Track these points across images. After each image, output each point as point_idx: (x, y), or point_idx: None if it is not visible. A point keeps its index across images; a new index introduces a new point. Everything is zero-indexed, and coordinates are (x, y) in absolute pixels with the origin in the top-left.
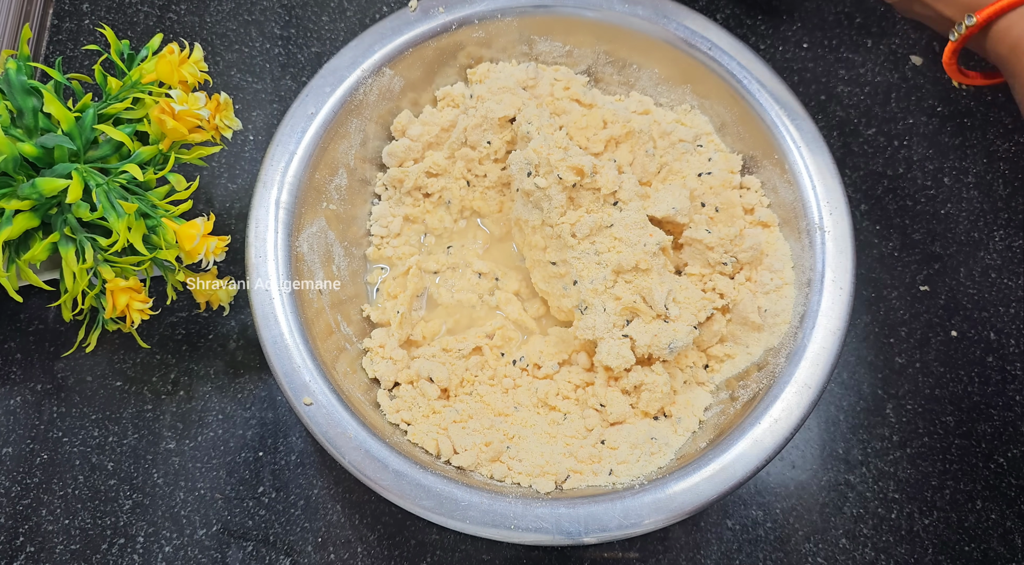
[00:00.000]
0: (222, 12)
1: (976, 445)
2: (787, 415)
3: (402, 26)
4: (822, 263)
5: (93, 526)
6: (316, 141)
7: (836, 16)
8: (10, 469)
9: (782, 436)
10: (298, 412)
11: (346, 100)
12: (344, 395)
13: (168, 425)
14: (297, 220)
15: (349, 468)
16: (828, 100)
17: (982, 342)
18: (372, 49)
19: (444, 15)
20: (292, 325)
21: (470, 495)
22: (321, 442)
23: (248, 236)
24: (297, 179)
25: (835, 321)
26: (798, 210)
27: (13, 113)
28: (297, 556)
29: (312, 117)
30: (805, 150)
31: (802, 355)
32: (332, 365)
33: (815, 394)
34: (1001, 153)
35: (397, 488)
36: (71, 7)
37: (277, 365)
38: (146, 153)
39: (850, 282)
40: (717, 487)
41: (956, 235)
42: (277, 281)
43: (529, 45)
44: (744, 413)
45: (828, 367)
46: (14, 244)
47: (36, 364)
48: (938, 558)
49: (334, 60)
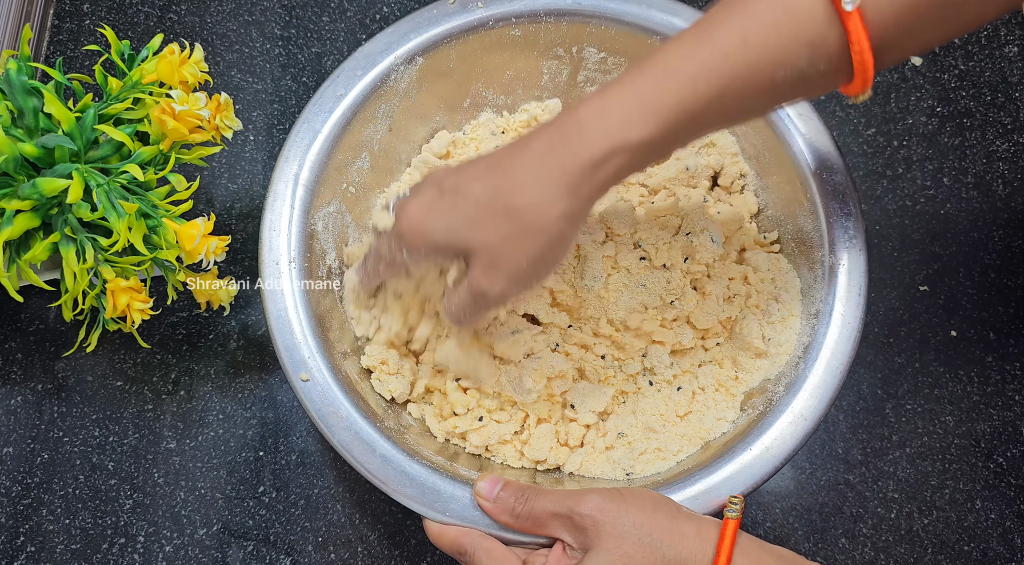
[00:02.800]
0: (222, 12)
1: (976, 445)
2: (779, 444)
3: (440, 17)
4: (832, 296)
5: (94, 526)
6: (342, 122)
7: None
8: (11, 469)
9: (772, 465)
10: (294, 387)
11: (376, 85)
12: (341, 375)
13: (168, 425)
14: (315, 198)
15: (337, 447)
16: (828, 100)
17: (981, 342)
18: (407, 37)
19: (483, 11)
20: (298, 300)
21: (453, 488)
22: (313, 419)
23: (264, 209)
24: (319, 157)
25: (839, 356)
26: (815, 240)
27: (14, 113)
28: (297, 556)
29: (340, 98)
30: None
31: (801, 386)
32: (334, 344)
33: (811, 426)
34: (1001, 153)
35: (381, 473)
36: (72, 7)
37: (279, 338)
38: (146, 153)
39: (859, 318)
40: (701, 508)
41: (956, 235)
42: (288, 256)
43: (566, 50)
44: (737, 439)
45: (827, 401)
46: (15, 244)
47: (37, 364)
48: (937, 558)
49: (368, 45)
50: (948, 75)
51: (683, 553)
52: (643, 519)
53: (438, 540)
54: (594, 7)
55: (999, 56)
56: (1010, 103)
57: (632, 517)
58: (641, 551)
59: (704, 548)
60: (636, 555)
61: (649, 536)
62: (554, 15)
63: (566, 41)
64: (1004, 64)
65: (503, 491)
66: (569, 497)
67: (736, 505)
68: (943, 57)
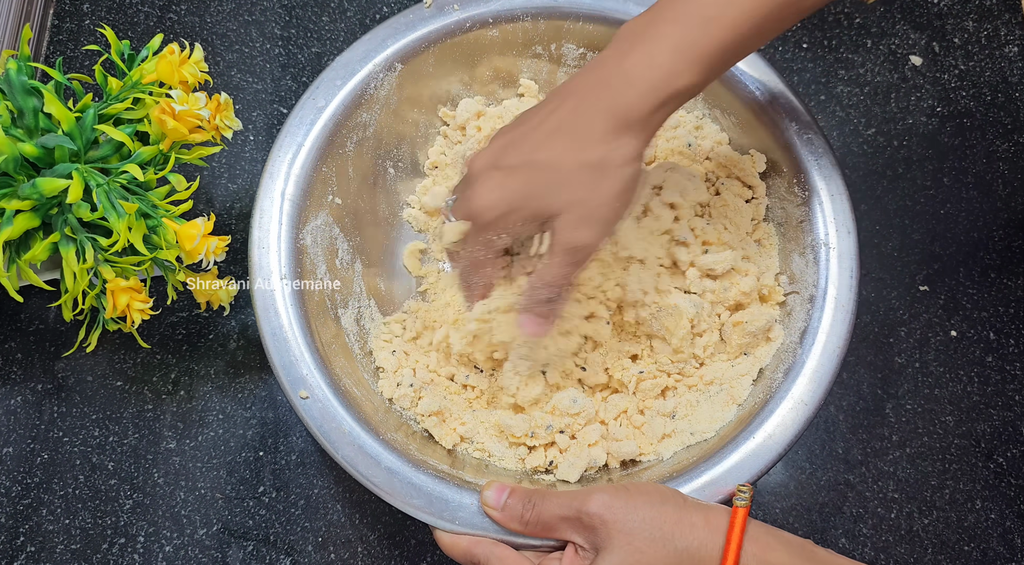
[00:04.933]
0: (222, 12)
1: (976, 445)
2: (782, 431)
3: (416, 22)
4: (825, 280)
5: (93, 526)
6: (325, 134)
7: (836, 16)
8: (10, 469)
9: (775, 452)
10: (294, 405)
11: (357, 94)
12: (341, 390)
13: (168, 425)
14: (302, 213)
15: (342, 463)
16: (828, 100)
17: (981, 342)
18: (385, 44)
19: (459, 13)
20: (292, 317)
21: (460, 496)
22: (315, 436)
23: (252, 227)
24: (304, 172)
25: (835, 339)
26: (805, 226)
27: (14, 113)
28: (297, 556)
29: (321, 110)
30: (816, 166)
31: (799, 371)
32: (331, 359)
33: (811, 411)
34: (1001, 153)
35: (388, 485)
36: (71, 7)
37: (276, 358)
38: (146, 153)
39: (852, 300)
40: (707, 499)
41: (956, 235)
42: (279, 273)
43: (544, 47)
44: (739, 427)
45: (826, 385)
46: (15, 244)
47: (36, 364)
48: (938, 558)
49: (346, 54)
50: (948, 75)
51: (694, 543)
52: (652, 513)
53: (451, 551)
54: (571, 4)
55: (999, 56)
56: (1010, 103)
57: (640, 512)
58: (653, 546)
59: (714, 537)
60: (648, 550)
61: (659, 529)
62: (531, 14)
63: (544, 39)
64: (1004, 64)
65: (510, 498)
66: (576, 498)
67: (745, 493)
68: (943, 57)
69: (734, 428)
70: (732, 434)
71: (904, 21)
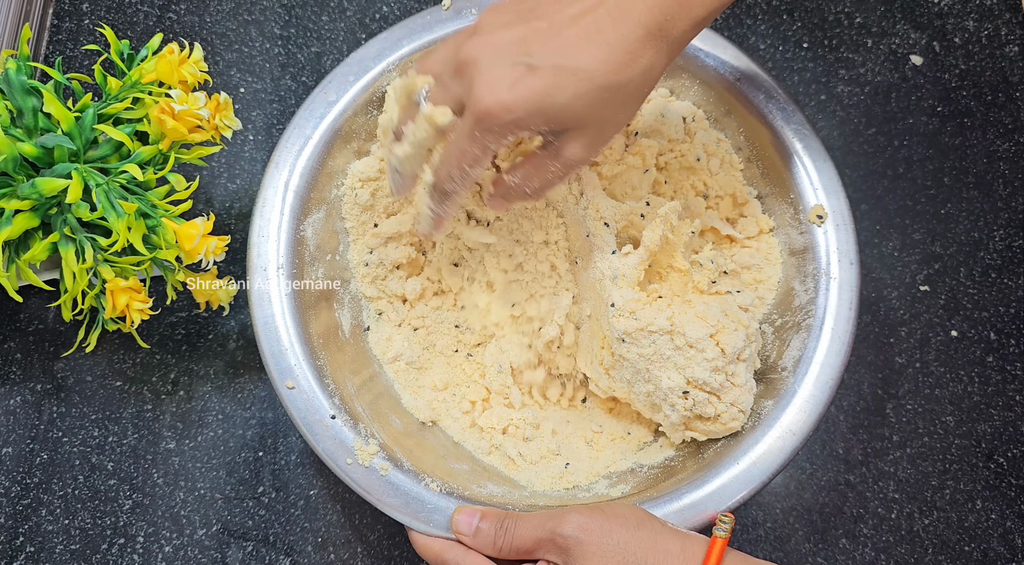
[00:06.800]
0: (222, 12)
1: (976, 445)
2: (767, 459)
3: (433, 23)
4: (823, 310)
5: (93, 526)
6: (333, 128)
7: (836, 16)
8: (10, 469)
9: (759, 479)
10: (280, 394)
11: (368, 91)
12: (328, 382)
13: (168, 425)
14: (305, 205)
15: (322, 455)
16: (828, 100)
17: (982, 342)
18: (400, 43)
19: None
20: (285, 307)
21: (437, 498)
22: (298, 426)
23: (253, 216)
24: (310, 164)
25: (829, 371)
26: (807, 254)
27: (13, 113)
28: (297, 556)
29: (332, 104)
30: (821, 192)
31: (790, 400)
32: (320, 351)
33: (799, 441)
34: (1001, 153)
35: (365, 482)
36: (71, 7)
37: (265, 345)
38: (146, 153)
39: (850, 332)
40: (686, 522)
41: (956, 235)
42: (276, 263)
43: None
44: (724, 452)
45: (816, 416)
46: (14, 244)
47: (36, 364)
48: (938, 558)
49: (360, 51)
50: (949, 75)
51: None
52: (627, 537)
53: (423, 552)
54: None
55: (1000, 56)
56: (1011, 103)
57: (615, 536)
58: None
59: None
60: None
61: (633, 554)
62: None
63: None
64: (1005, 64)
65: (482, 522)
66: (550, 518)
67: (726, 523)
68: (944, 57)
69: (719, 454)
70: (717, 459)
71: (904, 21)
